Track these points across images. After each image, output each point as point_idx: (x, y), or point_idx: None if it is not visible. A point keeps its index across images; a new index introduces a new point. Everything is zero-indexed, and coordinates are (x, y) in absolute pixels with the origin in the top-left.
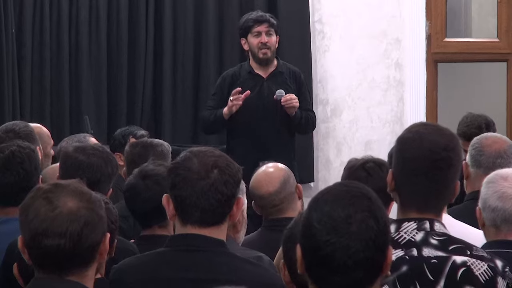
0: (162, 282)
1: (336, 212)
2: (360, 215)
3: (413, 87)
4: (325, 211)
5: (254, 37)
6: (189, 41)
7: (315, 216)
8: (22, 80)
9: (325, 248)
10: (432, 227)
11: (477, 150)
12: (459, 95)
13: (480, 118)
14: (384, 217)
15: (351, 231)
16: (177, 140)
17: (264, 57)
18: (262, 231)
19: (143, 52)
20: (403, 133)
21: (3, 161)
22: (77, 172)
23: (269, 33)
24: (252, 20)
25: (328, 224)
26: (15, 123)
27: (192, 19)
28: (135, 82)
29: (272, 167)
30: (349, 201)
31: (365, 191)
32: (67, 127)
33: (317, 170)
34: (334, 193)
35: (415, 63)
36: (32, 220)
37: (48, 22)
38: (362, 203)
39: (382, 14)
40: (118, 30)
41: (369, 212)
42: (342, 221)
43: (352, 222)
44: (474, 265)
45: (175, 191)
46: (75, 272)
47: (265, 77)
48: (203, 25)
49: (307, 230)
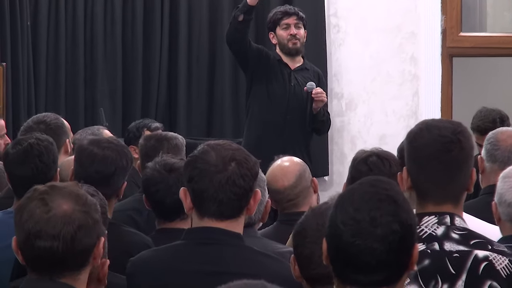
0: (179, 275)
1: (361, 215)
2: (385, 219)
3: (428, 81)
4: (350, 212)
5: (283, 30)
6: (204, 34)
7: (340, 216)
8: (37, 73)
9: (349, 249)
10: (452, 222)
11: (492, 145)
12: (474, 89)
13: (494, 112)
14: (409, 220)
15: (376, 234)
16: (191, 133)
17: (294, 47)
18: (277, 225)
19: (158, 45)
20: (411, 129)
21: (21, 153)
22: (92, 165)
23: (297, 26)
24: (281, 12)
25: (353, 227)
26: (46, 115)
27: (208, 12)
28: (150, 75)
29: (287, 161)
30: (374, 205)
31: (392, 193)
32: (82, 120)
33: (332, 164)
34: (360, 194)
35: (430, 58)
36: (26, 221)
37: (63, 15)
38: (388, 206)
39: (397, 8)
40: (133, 23)
41: (394, 216)
42: (367, 224)
43: (377, 225)
44: (495, 260)
45: (192, 184)
46: (67, 275)
47: (292, 69)
48: (219, 18)
49: (332, 230)
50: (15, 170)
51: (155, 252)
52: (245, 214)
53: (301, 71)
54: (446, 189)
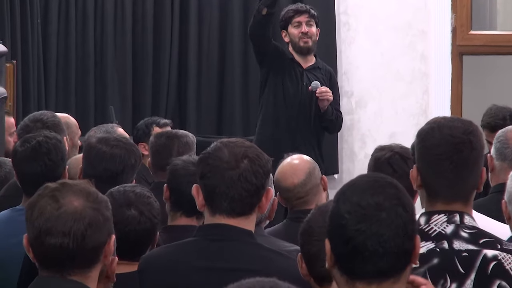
0: (190, 271)
1: (366, 201)
2: (389, 202)
3: (438, 79)
4: (354, 201)
5: (295, 28)
6: (214, 32)
7: (343, 207)
8: (47, 71)
9: (356, 237)
10: (462, 220)
11: (502, 143)
12: (484, 87)
13: (505, 110)
14: (411, 205)
15: (382, 218)
16: (201, 131)
17: (305, 46)
18: (287, 223)
19: (168, 43)
20: (422, 128)
21: (29, 151)
22: (100, 163)
23: (309, 23)
24: (293, 10)
25: (358, 213)
26: (43, 113)
27: (218, 11)
28: (160, 73)
29: (297, 158)
30: (377, 190)
31: (391, 180)
32: (92, 118)
33: (342, 162)
34: (361, 184)
35: (440, 56)
36: (37, 218)
37: (73, 13)
38: (390, 191)
39: (408, 6)
40: (144, 20)
41: (397, 200)
42: (372, 209)
43: (383, 209)
44: (504, 259)
45: (204, 181)
46: (78, 272)
47: (304, 68)
48: (229, 17)
49: (337, 222)
50: (23, 168)
51: (167, 248)
52: (257, 212)
53: (313, 70)
54: (456, 188)
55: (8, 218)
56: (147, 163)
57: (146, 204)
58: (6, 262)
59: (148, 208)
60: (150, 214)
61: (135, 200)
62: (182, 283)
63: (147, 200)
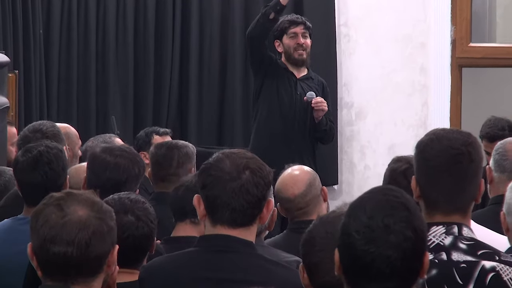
0: (191, 281)
1: (375, 222)
2: (398, 226)
3: (438, 91)
4: (363, 221)
5: (290, 38)
6: (215, 44)
7: (353, 225)
8: (49, 81)
9: (364, 257)
10: (460, 232)
11: (501, 155)
12: (483, 100)
13: (503, 121)
14: (421, 226)
15: (390, 240)
16: (202, 142)
17: (300, 58)
18: (287, 233)
19: (169, 54)
20: (421, 139)
21: (31, 161)
22: (104, 173)
23: (304, 35)
24: (288, 21)
25: (367, 234)
26: (42, 123)
27: (218, 23)
28: (161, 84)
29: (297, 169)
30: (388, 212)
31: (404, 200)
32: (93, 128)
33: (341, 173)
34: (372, 203)
35: (440, 68)
36: (41, 227)
37: (75, 23)
38: (401, 213)
39: (408, 18)
40: (145, 31)
41: (407, 223)
42: (381, 232)
43: (391, 232)
44: (502, 271)
45: (206, 191)
46: (81, 282)
47: (297, 78)
48: (229, 29)
49: (346, 239)
50: (25, 178)
51: (168, 258)
52: (258, 223)
53: (307, 80)
54: (455, 199)
55: (9, 227)
56: (147, 173)
57: (142, 209)
58: (7, 271)
59: (145, 213)
60: (147, 219)
61: (131, 206)
62: None
63: (143, 206)
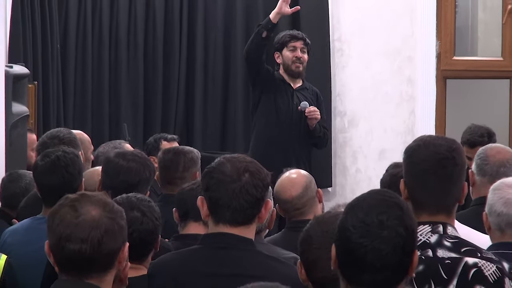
0: (196, 276)
1: (370, 218)
2: (391, 222)
3: (424, 101)
4: (360, 217)
5: (290, 51)
6: (219, 57)
7: (350, 221)
8: (65, 91)
9: (358, 250)
10: (445, 231)
11: (482, 160)
12: (466, 109)
13: (483, 128)
14: (413, 225)
15: (383, 235)
16: (207, 147)
17: (296, 70)
18: (285, 232)
19: (176, 67)
20: (409, 145)
21: (49, 165)
22: (118, 176)
23: (303, 50)
24: (289, 35)
25: (362, 229)
26: (59, 130)
27: (222, 36)
28: (169, 95)
29: (295, 173)
30: (382, 209)
31: (398, 200)
32: (106, 134)
33: (335, 176)
34: (369, 201)
35: (426, 79)
36: (57, 225)
37: (90, 39)
38: (395, 211)
39: (396, 34)
40: (154, 46)
41: (399, 220)
42: (375, 227)
43: (384, 228)
44: (484, 266)
45: (209, 193)
46: (94, 276)
47: (294, 88)
48: (232, 42)
49: (342, 233)
50: (43, 180)
51: (174, 255)
52: (257, 222)
53: (302, 90)
54: (440, 201)
55: (29, 226)
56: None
57: (147, 206)
58: (27, 267)
59: (150, 210)
60: (152, 216)
61: (137, 203)
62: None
63: (148, 203)
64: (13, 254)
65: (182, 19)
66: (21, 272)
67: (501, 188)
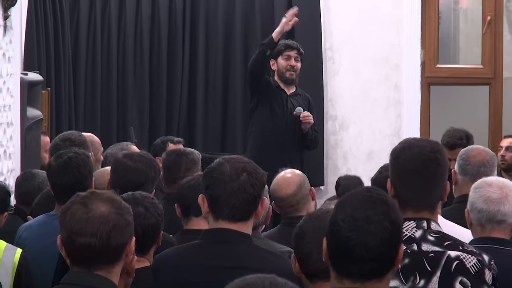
0: (197, 269)
1: (358, 214)
2: (378, 217)
3: (409, 106)
4: (349, 212)
5: (284, 60)
6: (218, 67)
7: (340, 216)
8: (77, 97)
9: (347, 242)
10: (429, 226)
11: (464, 160)
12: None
13: (461, 131)
14: (398, 220)
15: (370, 229)
16: (207, 148)
17: (290, 77)
18: (281, 227)
19: (179, 74)
20: (395, 147)
21: (62, 165)
22: (125, 175)
23: (297, 59)
24: (285, 45)
25: (351, 223)
26: (71, 133)
27: (222, 49)
28: (173, 100)
29: (289, 172)
30: (370, 205)
31: (384, 197)
32: (115, 137)
33: (327, 176)
34: (357, 198)
35: (411, 86)
36: (69, 221)
37: (99, 47)
38: (381, 207)
39: (384, 43)
40: (159, 57)
41: (385, 215)
42: (363, 222)
43: (371, 222)
44: (465, 259)
45: (209, 191)
46: (103, 268)
47: (288, 94)
48: (231, 53)
49: (333, 227)
50: (57, 179)
51: (177, 249)
52: (254, 218)
53: (295, 96)
54: (424, 198)
55: (43, 222)
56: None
57: (151, 203)
58: (41, 260)
59: (153, 206)
60: (154, 212)
61: (141, 199)
62: (192, 279)
63: (152, 200)
64: (28, 248)
65: (185, 30)
66: (36, 265)
67: (482, 187)
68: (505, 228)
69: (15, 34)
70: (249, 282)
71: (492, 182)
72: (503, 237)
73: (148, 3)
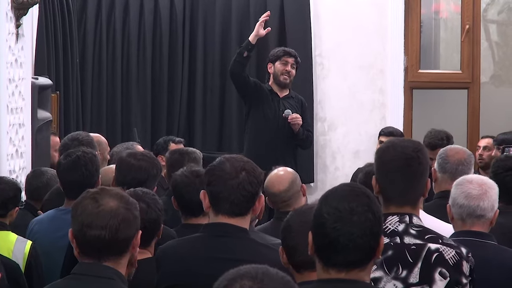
0: (198, 260)
1: (342, 206)
2: (361, 208)
3: (393, 108)
4: (333, 205)
5: (281, 64)
6: (216, 73)
7: (325, 209)
8: (84, 100)
9: (332, 233)
10: (411, 220)
11: (443, 159)
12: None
13: (442, 132)
14: (379, 212)
15: (353, 220)
16: (206, 147)
17: (284, 81)
18: (274, 221)
19: (179, 79)
20: (380, 146)
21: (70, 163)
22: (129, 173)
23: (293, 66)
24: (284, 51)
25: (335, 215)
26: (79, 133)
27: (219, 56)
28: (174, 102)
29: (282, 170)
30: (352, 198)
31: (365, 190)
32: (119, 137)
33: (316, 173)
34: (340, 192)
35: (395, 90)
36: (80, 214)
37: (105, 54)
38: (363, 199)
39: (370, 50)
40: (161, 61)
41: (368, 207)
42: (346, 213)
43: (355, 214)
44: (445, 251)
45: (210, 187)
46: (111, 259)
47: (280, 97)
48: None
49: (318, 220)
50: (66, 177)
51: (179, 242)
52: (251, 214)
53: (288, 98)
54: (406, 195)
55: (53, 216)
56: (163, 173)
57: (152, 199)
58: (52, 253)
59: (154, 202)
60: (155, 207)
61: (142, 196)
62: (193, 270)
63: (152, 196)
64: (39, 240)
65: (185, 38)
66: (46, 256)
67: (463, 184)
68: (484, 223)
69: (27, 41)
70: (243, 272)
71: (473, 180)
72: (482, 231)
73: (150, 13)
